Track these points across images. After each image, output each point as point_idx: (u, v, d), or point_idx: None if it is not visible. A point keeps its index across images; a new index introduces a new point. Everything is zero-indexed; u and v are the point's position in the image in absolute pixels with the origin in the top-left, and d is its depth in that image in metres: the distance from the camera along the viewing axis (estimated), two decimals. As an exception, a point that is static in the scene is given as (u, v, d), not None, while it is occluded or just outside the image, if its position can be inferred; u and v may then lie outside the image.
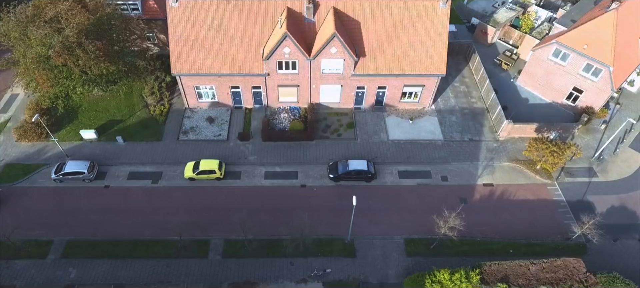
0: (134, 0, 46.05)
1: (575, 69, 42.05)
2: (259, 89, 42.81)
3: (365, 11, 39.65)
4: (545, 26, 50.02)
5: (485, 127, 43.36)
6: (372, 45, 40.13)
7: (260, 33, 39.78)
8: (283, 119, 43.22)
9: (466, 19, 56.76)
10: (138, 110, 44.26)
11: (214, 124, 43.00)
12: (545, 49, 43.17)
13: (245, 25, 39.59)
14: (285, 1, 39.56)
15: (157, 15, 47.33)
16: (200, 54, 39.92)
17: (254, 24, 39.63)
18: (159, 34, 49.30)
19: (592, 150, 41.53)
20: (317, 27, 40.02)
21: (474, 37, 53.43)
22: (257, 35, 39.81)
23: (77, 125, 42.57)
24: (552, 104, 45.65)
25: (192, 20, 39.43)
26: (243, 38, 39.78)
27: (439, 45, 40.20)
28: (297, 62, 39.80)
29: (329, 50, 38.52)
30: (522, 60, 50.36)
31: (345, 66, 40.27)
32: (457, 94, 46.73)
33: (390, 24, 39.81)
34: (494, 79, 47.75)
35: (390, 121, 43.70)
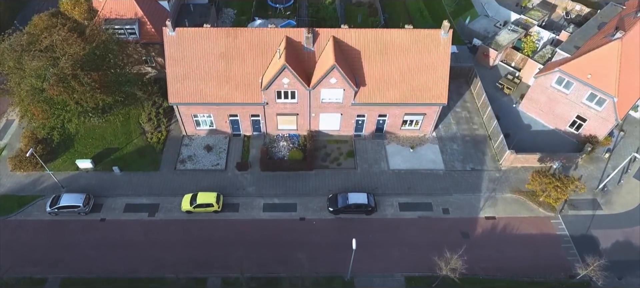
0: (131, 25, 45.47)
1: (579, 98, 41.40)
2: (257, 117, 42.19)
3: (366, 40, 39.02)
4: (548, 49, 49.36)
5: (488, 155, 42.71)
6: (373, 74, 39.48)
7: (259, 62, 39.16)
8: (282, 148, 42.60)
9: (467, 39, 56.10)
10: (135, 137, 43.63)
11: (212, 152, 42.39)
12: (549, 77, 42.53)
13: (243, 54, 38.98)
14: (284, 30, 38.96)
15: (155, 39, 46.75)
16: (198, 83, 39.30)
17: (253, 53, 39.01)
18: (156, 57, 48.73)
19: (595, 181, 40.88)
20: (317, 56, 39.40)
21: (475, 59, 52.78)
22: (256, 65, 39.19)
23: (73, 154, 41.95)
24: (555, 131, 44.99)
25: (189, 49, 38.83)
26: (241, 67, 39.16)
27: (441, 75, 39.55)
28: (296, 91, 39.18)
29: (329, 80, 37.89)
30: (525, 84, 49.73)
31: (345, 96, 39.65)
32: (458, 119, 46.09)
33: (391, 53, 39.16)
34: (496, 104, 47.12)
35: (391, 149, 43.06)
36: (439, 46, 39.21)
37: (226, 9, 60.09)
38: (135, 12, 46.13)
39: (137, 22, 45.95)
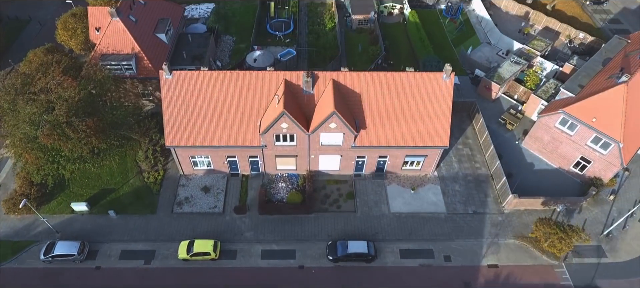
0: (128, 61, 44.77)
1: (583, 140, 40.63)
2: (256, 158, 41.47)
3: (366, 83, 38.29)
4: (551, 83, 48.56)
5: (490, 197, 41.94)
6: (373, 117, 38.74)
7: (257, 105, 38.44)
8: (281, 189, 41.87)
9: (469, 69, 55.32)
10: (131, 177, 42.92)
11: (210, 194, 41.66)
12: (552, 117, 41.76)
13: (241, 96, 38.27)
14: (283, 73, 38.26)
15: (153, 75, 46.08)
16: (196, 126, 38.59)
17: (251, 96, 38.29)
18: (154, 92, 48.05)
19: (600, 225, 40.11)
20: (316, 99, 38.67)
21: (477, 91, 52.03)
22: (254, 107, 38.47)
23: (69, 195, 41.25)
24: (559, 170, 44.22)
25: (186, 92, 38.14)
26: (239, 110, 38.45)
27: (442, 118, 38.80)
28: (295, 135, 38.47)
29: (328, 125, 37.16)
30: (528, 118, 48.98)
31: (345, 139, 38.91)
32: (460, 157, 45.33)
33: (391, 96, 38.42)
34: (498, 140, 46.42)
35: (391, 190, 42.31)
36: (440, 89, 38.46)
37: (225, 37, 59.39)
38: (132, 47, 45.47)
39: (134, 57, 45.28)
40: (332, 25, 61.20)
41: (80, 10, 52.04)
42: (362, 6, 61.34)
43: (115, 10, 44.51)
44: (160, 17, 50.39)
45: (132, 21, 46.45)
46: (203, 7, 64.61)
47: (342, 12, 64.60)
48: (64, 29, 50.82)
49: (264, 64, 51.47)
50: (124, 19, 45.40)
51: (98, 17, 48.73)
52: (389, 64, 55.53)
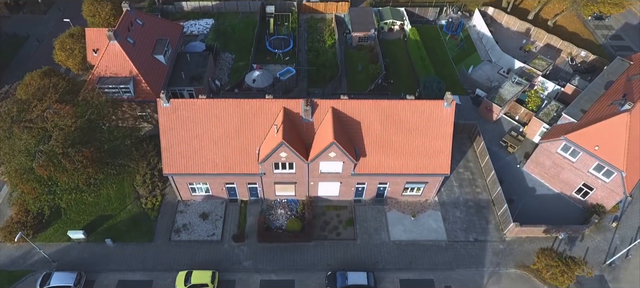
0: (125, 85, 44.37)
1: (586, 167, 40.20)
2: (254, 185, 41.03)
3: (366, 111, 37.85)
4: (553, 105, 48.10)
5: (491, 224, 41.50)
6: (373, 144, 38.31)
7: (256, 133, 38.01)
8: (280, 216, 41.44)
9: (470, 88, 54.88)
10: (129, 203, 42.47)
11: (208, 221, 41.22)
12: (554, 143, 41.31)
13: (240, 124, 37.84)
14: (282, 101, 37.84)
15: (150, 98, 45.66)
16: (194, 154, 38.16)
17: (249, 124, 37.87)
18: (152, 114, 47.63)
19: (603, 254, 39.67)
20: (316, 127, 38.23)
21: (478, 112, 51.58)
22: (253, 135, 38.04)
23: (65, 222, 40.81)
24: (561, 196, 43.77)
25: (184, 120, 37.71)
26: (238, 138, 38.02)
27: (443, 146, 38.36)
28: (294, 163, 38.04)
29: (328, 154, 36.73)
30: (529, 140, 48.55)
31: (344, 167, 38.47)
32: (461, 181, 44.90)
33: (392, 124, 37.99)
34: (499, 163, 46.03)
35: (392, 217, 41.86)
36: (441, 117, 38.02)
37: (224, 54, 58.97)
38: (130, 70, 45.06)
39: (132, 80, 44.88)
40: (332, 42, 60.79)
41: (78, 30, 51.61)
42: (362, 23, 60.91)
43: (113, 34, 44.09)
44: (158, 38, 49.98)
45: (130, 43, 46.05)
46: (202, 22, 64.20)
47: (342, 28, 64.21)
48: (62, 49, 50.42)
49: (263, 84, 51.10)
50: (122, 42, 44.99)
51: (95, 39, 48.34)
52: (389, 83, 55.11)
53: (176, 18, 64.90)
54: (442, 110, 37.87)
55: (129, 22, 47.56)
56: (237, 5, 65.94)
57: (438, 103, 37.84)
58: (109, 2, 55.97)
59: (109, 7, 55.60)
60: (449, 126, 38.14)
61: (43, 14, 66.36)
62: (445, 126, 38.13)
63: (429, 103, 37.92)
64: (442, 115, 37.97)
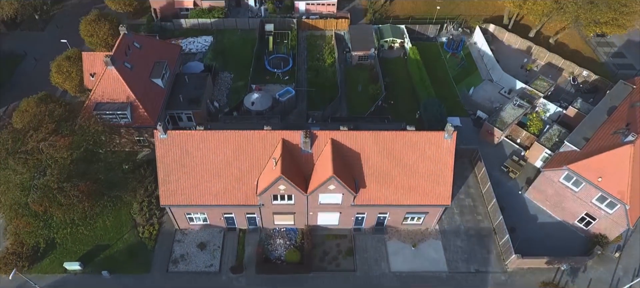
0: (123, 111, 43.90)
1: (588, 197, 39.68)
2: (253, 215, 40.54)
3: (366, 142, 37.35)
4: (555, 130, 47.56)
5: (493, 253, 40.99)
6: (373, 176, 37.81)
7: (255, 164, 37.51)
8: (278, 246, 40.93)
9: (471, 110, 54.35)
10: (126, 232, 41.93)
11: (206, 251, 40.70)
12: (557, 172, 40.80)
13: (238, 156, 37.35)
14: (281, 133, 37.33)
15: (148, 123, 45.21)
16: (192, 185, 37.65)
17: (248, 155, 37.38)
18: (150, 138, 47.14)
19: (606, 285, 39.14)
20: (315, 158, 37.72)
21: (480, 135, 51.05)
22: (251, 166, 37.54)
23: (62, 252, 40.19)
24: (563, 223, 43.26)
25: (182, 152, 37.20)
26: (236, 169, 37.52)
27: (444, 177, 37.86)
28: (293, 195, 37.55)
29: (327, 187, 36.24)
30: (531, 165, 48.03)
31: (344, 199, 37.97)
32: (462, 209, 44.39)
33: (392, 155, 37.49)
34: (501, 189, 45.48)
35: (392, 246, 41.34)
36: (441, 148, 37.53)
37: (223, 74, 58.43)
38: (127, 96, 44.58)
39: (129, 106, 44.42)
40: (332, 61, 60.30)
41: (75, 52, 51.11)
42: (362, 42, 60.41)
43: (110, 59, 43.59)
44: (156, 60, 49.45)
45: (127, 68, 45.55)
46: (201, 40, 63.66)
47: (342, 45, 63.70)
48: (59, 72, 49.95)
49: (262, 107, 50.58)
50: (119, 67, 44.49)
51: (93, 62, 47.85)
52: (389, 104, 54.59)
53: (175, 35, 64.45)
54: (443, 142, 37.37)
55: (127, 45, 47.07)
56: (236, 22, 65.44)
57: (439, 134, 37.33)
58: (107, 22, 55.60)
59: (107, 27, 55.21)
60: (450, 157, 37.63)
61: (41, 31, 65.86)
62: (446, 157, 37.62)
63: (429, 134, 37.41)
64: (443, 146, 37.46)
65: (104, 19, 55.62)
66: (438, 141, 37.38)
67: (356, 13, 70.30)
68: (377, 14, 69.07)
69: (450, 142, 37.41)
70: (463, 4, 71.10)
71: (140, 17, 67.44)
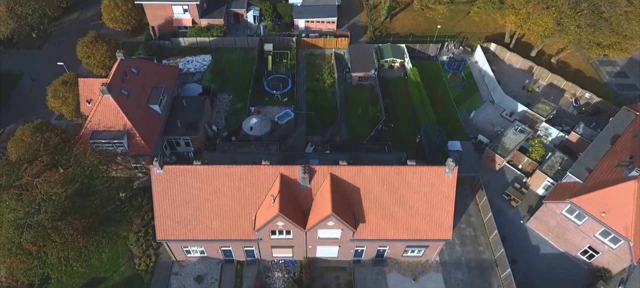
0: (119, 140, 43.32)
1: (592, 231, 39.10)
2: (251, 248, 39.95)
3: (366, 177, 36.75)
4: (557, 158, 46.94)
5: (494, 287, 40.36)
6: (373, 211, 37.21)
7: (252, 199, 36.90)
8: (277, 279, 40.37)
9: (472, 134, 53.73)
10: (122, 264, 41.34)
11: (203, 284, 40.11)
12: (559, 204, 40.20)
13: (235, 191, 36.75)
14: (279, 168, 36.73)
15: (145, 151, 44.71)
16: (188, 220, 37.05)
17: (245, 190, 36.78)
18: (147, 165, 46.55)
19: (609, 321, 38.61)
20: (314, 192, 37.14)
21: (481, 160, 50.44)
22: (249, 201, 36.94)
23: (57, 287, 39.69)
24: (566, 255, 42.66)
25: (178, 187, 36.60)
26: (234, 204, 36.94)
27: (445, 212, 37.25)
28: (291, 230, 36.96)
29: (326, 223, 35.65)
30: (533, 192, 47.43)
31: (343, 234, 37.38)
32: (463, 239, 43.77)
33: (392, 190, 36.89)
34: (502, 218, 44.96)
35: (392, 279, 40.74)
36: (443, 183, 36.92)
37: (221, 95, 57.79)
38: (124, 124, 44.04)
39: (126, 134, 43.86)
40: (331, 82, 59.68)
41: (71, 76, 50.51)
42: (362, 62, 59.79)
43: (107, 88, 43.05)
44: (154, 85, 48.88)
45: (124, 95, 45.01)
46: (199, 59, 63.05)
47: (341, 65, 63.09)
48: (55, 97, 49.36)
49: (260, 132, 49.98)
50: (116, 95, 43.97)
51: (89, 89, 47.17)
52: (389, 127, 54.01)
53: (173, 54, 63.87)
54: (444, 177, 36.76)
55: (123, 72, 46.52)
56: (235, 41, 64.83)
57: (440, 169, 36.72)
58: (105, 43, 55.06)
59: (105, 48, 54.70)
60: (451, 192, 37.02)
61: (38, 50, 65.25)
62: (447, 192, 37.02)
63: (430, 169, 36.81)
64: (444, 181, 36.86)
65: (101, 40, 55.09)
66: (439, 176, 36.78)
67: (356, 30, 69.68)
68: (377, 31, 68.47)
69: (452, 177, 36.81)
70: (464, 21, 70.46)
71: (139, 35, 66.86)
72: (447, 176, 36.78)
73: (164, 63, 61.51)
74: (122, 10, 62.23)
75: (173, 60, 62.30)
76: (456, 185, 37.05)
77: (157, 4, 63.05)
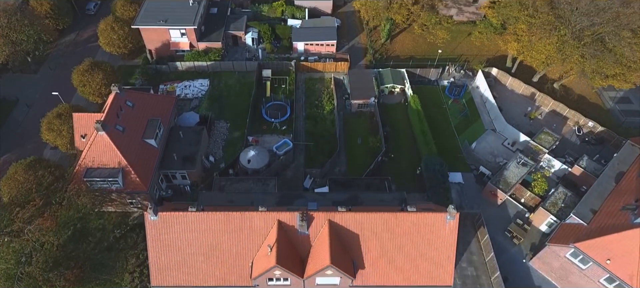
0: (114, 177, 42.48)
1: (596, 276, 38.27)
2: (248, 292, 39.17)
3: (365, 224, 35.98)
4: (560, 194, 46.07)
5: (496, 332, 39.61)
6: (372, 257, 36.44)
7: (249, 245, 36.20)
8: (274, 324, 39.49)
9: (474, 165, 52.85)
10: (117, 307, 40.64)
11: (199, 328, 39.32)
12: (563, 248, 39.34)
13: (231, 238, 36.00)
14: (276, 214, 35.90)
15: (140, 189, 43.86)
16: (183, 266, 36.36)
17: (242, 236, 36.02)
18: (142, 201, 45.72)
19: None
20: (312, 239, 36.34)
21: (482, 194, 49.56)
22: (245, 248, 36.24)
23: (49, 332, 38.91)
24: (569, 297, 41.86)
25: (173, 234, 35.89)
26: (230, 251, 36.23)
27: (446, 258, 36.50)
28: (289, 278, 36.13)
29: (324, 272, 34.82)
30: (536, 228, 46.57)
31: (342, 281, 36.56)
32: (464, 279, 42.90)
33: (392, 237, 36.13)
34: (504, 256, 44.14)
35: (392, 323, 39.89)
36: (444, 229, 36.12)
37: (219, 123, 56.91)
38: (118, 161, 43.18)
39: (121, 172, 43.01)
40: (331, 108, 58.82)
41: (66, 109, 49.61)
42: (361, 89, 58.91)
43: (101, 125, 42.15)
44: (150, 118, 48.00)
45: (119, 131, 44.14)
46: (197, 83, 62.13)
47: (341, 90, 62.22)
48: (49, 130, 48.52)
49: (258, 165, 49.14)
50: (110, 131, 43.07)
51: (83, 124, 46.15)
52: (389, 158, 53.16)
53: (170, 78, 62.99)
54: (445, 224, 35.96)
55: (118, 106, 45.63)
56: (233, 65, 63.98)
57: (441, 216, 35.91)
58: (100, 71, 54.26)
59: (100, 76, 53.93)
60: (452, 239, 36.25)
61: (33, 74, 64.42)
62: (448, 239, 36.24)
63: (431, 216, 36.01)
64: (445, 228, 36.06)
65: (97, 68, 54.30)
66: (440, 223, 35.98)
67: (356, 52, 68.81)
68: (377, 54, 67.58)
69: (453, 223, 36.01)
70: (465, 43, 69.62)
71: (136, 58, 66.08)
72: (448, 223, 35.97)
73: (160, 88, 60.73)
74: (119, 35, 61.44)
75: (170, 85, 61.44)
76: (458, 222, 36.29)
77: (154, 28, 62.19)
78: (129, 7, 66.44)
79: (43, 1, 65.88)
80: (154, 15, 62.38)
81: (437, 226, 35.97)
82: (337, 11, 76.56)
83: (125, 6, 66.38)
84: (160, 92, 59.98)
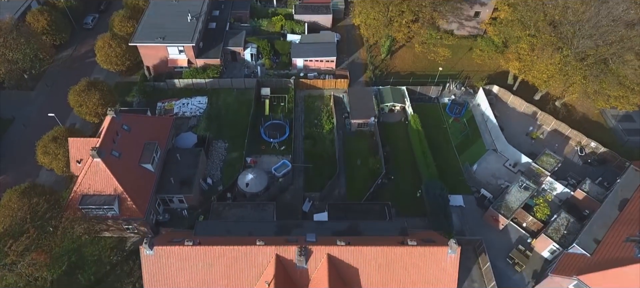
0: (109, 205, 41.87)
1: (599, 309, 37.60)
2: (245, 324, 38.51)
3: (364, 258, 35.33)
4: (563, 219, 45.43)
5: None
6: (372, 291, 35.84)
7: (247, 279, 35.51)
8: None
9: (475, 187, 52.20)
10: (112, 338, 40.05)
11: None
12: (566, 279, 38.70)
13: (228, 272, 35.38)
14: (274, 248, 35.26)
15: (136, 215, 43.26)
16: (179, 301, 35.71)
17: (239, 272, 35.38)
18: (139, 227, 45.12)
19: None
20: (311, 273, 35.69)
21: (484, 218, 48.92)
22: (243, 282, 35.55)
23: None
24: (572, 327, 41.19)
25: (170, 267, 35.26)
26: (226, 286, 35.53)
27: (447, 292, 35.86)
28: (287, 312, 35.54)
29: (323, 308, 34.22)
30: (538, 254, 45.93)
31: (341, 315, 35.95)
32: (465, 308, 42.36)
33: (392, 271, 35.51)
34: (507, 284, 43.45)
35: None
36: (445, 263, 35.50)
37: (217, 143, 56.23)
38: (114, 188, 42.55)
39: (117, 199, 42.40)
40: (330, 127, 58.17)
41: (62, 132, 48.96)
42: (361, 108, 58.24)
43: (97, 151, 41.54)
44: (146, 141, 47.36)
45: (115, 157, 43.53)
46: (195, 101, 61.43)
47: (340, 108, 61.54)
48: (45, 154, 47.87)
49: (256, 188, 48.48)
50: (106, 158, 42.44)
51: (79, 149, 45.55)
52: (389, 179, 52.53)
53: (168, 95, 62.32)
54: (447, 258, 35.34)
55: (115, 131, 45.02)
56: (232, 82, 63.33)
57: (442, 250, 35.30)
58: (97, 91, 53.59)
59: (97, 96, 53.27)
60: (454, 272, 35.65)
61: (30, 91, 63.75)
62: (449, 272, 35.65)
63: (432, 250, 35.39)
64: (446, 261, 35.43)
65: (93, 88, 53.64)
66: (441, 257, 35.38)
67: (356, 68, 68.15)
68: (377, 70, 66.93)
69: (454, 257, 35.39)
70: (466, 59, 68.96)
71: (133, 74, 65.45)
72: (449, 257, 35.37)
73: (158, 106, 60.03)
74: (116, 52, 60.84)
75: (168, 103, 60.79)
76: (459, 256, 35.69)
77: (151, 45, 61.55)
78: (127, 22, 65.82)
79: (40, 17, 65.38)
80: (151, 32, 61.74)
81: (438, 260, 35.36)
82: (337, 25, 75.94)
83: (123, 22, 65.77)
84: (158, 110, 59.35)
